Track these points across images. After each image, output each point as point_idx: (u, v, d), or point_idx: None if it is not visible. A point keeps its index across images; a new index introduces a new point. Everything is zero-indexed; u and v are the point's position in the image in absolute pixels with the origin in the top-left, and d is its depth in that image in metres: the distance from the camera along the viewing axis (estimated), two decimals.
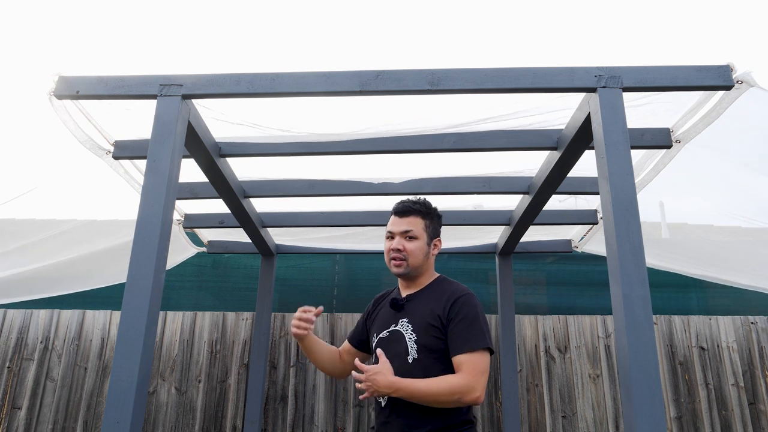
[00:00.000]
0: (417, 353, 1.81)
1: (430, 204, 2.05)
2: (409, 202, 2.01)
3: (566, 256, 4.30)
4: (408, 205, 2.00)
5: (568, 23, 8.32)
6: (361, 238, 3.75)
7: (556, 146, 2.41)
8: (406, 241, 1.95)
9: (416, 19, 8.24)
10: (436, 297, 1.89)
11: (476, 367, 1.72)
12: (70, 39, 7.18)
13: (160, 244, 1.78)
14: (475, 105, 2.29)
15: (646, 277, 1.64)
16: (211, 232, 3.76)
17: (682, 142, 2.35)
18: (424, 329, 1.84)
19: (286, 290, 4.31)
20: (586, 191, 2.87)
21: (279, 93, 1.98)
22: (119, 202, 2.96)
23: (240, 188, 2.87)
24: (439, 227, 2.05)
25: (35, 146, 2.72)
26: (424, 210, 2.00)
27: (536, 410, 3.68)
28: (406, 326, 1.87)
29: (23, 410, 3.72)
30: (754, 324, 3.86)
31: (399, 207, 2.01)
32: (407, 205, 2.00)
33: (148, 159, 1.88)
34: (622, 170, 1.76)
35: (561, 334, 3.85)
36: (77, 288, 3.74)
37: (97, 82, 2.01)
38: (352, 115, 2.43)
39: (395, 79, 1.95)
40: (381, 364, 1.73)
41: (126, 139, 2.52)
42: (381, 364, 1.73)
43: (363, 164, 2.82)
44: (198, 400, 3.74)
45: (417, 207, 2.00)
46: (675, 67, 1.91)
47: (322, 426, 3.68)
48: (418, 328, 1.85)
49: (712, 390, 3.70)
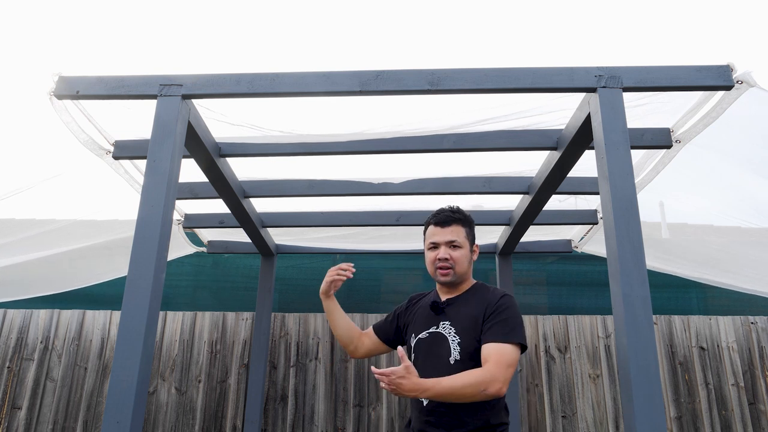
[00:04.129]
0: (459, 354, 1.85)
1: (465, 211, 2.08)
2: (449, 212, 2.04)
3: (566, 256, 4.30)
4: (449, 215, 2.02)
5: (568, 23, 8.31)
6: (361, 238, 3.75)
7: (556, 146, 2.41)
8: (452, 251, 1.98)
9: (416, 19, 8.23)
10: (477, 302, 1.93)
11: (502, 359, 1.73)
12: (70, 39, 7.18)
13: (160, 244, 1.78)
14: (475, 105, 2.29)
15: (646, 277, 1.64)
16: (211, 232, 3.76)
17: (682, 142, 2.35)
18: (466, 332, 1.88)
19: (286, 290, 4.31)
20: (586, 191, 2.87)
21: (279, 93, 1.98)
22: (119, 202, 2.96)
23: (240, 188, 2.87)
24: (474, 233, 2.09)
25: (35, 146, 2.72)
26: (463, 218, 2.03)
27: (536, 410, 3.68)
28: (449, 329, 1.91)
29: (23, 410, 3.72)
30: (754, 324, 3.86)
31: (440, 218, 2.02)
32: (448, 215, 2.02)
33: (148, 159, 1.88)
34: (622, 170, 1.76)
35: (561, 334, 3.85)
36: (74, 285, 3.74)
37: (97, 82, 2.01)
38: (352, 115, 2.44)
39: (395, 79, 1.95)
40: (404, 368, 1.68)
41: (126, 139, 2.53)
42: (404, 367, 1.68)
43: (363, 164, 2.82)
44: (198, 400, 3.74)
45: (458, 216, 2.02)
46: (675, 67, 1.91)
47: (322, 426, 3.68)
48: (461, 331, 1.89)
49: (712, 390, 3.70)
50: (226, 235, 3.77)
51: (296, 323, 3.91)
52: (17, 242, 3.11)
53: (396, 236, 3.67)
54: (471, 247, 2.03)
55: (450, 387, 1.69)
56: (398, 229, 3.49)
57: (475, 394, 1.69)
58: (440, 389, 1.69)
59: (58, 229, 3.08)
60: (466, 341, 1.86)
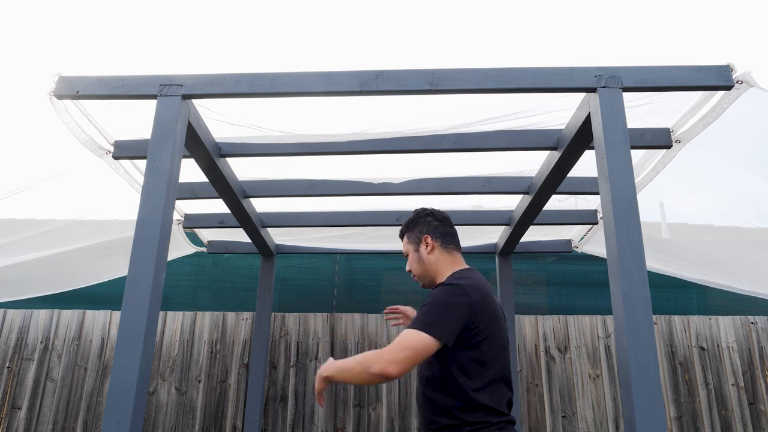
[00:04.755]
0: None
1: (416, 211, 2.07)
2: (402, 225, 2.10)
3: (566, 256, 4.30)
4: (401, 229, 2.09)
5: (568, 23, 8.31)
6: (361, 238, 3.75)
7: (556, 146, 2.40)
8: (409, 263, 2.02)
9: (416, 19, 8.23)
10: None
11: (399, 341, 1.68)
12: (70, 39, 7.18)
13: (160, 244, 1.78)
14: (475, 105, 2.29)
15: (646, 277, 1.64)
16: (211, 232, 3.76)
17: (682, 142, 2.35)
18: None
19: (286, 290, 4.31)
20: (586, 191, 2.87)
21: (279, 93, 1.98)
22: (119, 202, 2.96)
23: (240, 188, 2.87)
24: (424, 226, 2.01)
25: (35, 146, 2.72)
26: (405, 227, 2.07)
27: (536, 410, 3.68)
28: None
29: (23, 410, 3.72)
30: (754, 324, 3.86)
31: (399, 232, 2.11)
32: (401, 228, 2.10)
33: (148, 159, 1.88)
34: (622, 170, 1.76)
35: (561, 334, 3.85)
36: (74, 285, 3.74)
37: (96, 82, 2.01)
38: (352, 115, 2.44)
39: (395, 79, 1.95)
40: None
41: (126, 139, 2.53)
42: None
43: (363, 164, 2.82)
44: (198, 400, 3.74)
45: (403, 228, 2.08)
46: (675, 67, 1.91)
47: (322, 426, 3.68)
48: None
49: (712, 390, 3.70)
50: (226, 235, 3.77)
51: (296, 323, 3.92)
52: (17, 242, 3.11)
53: (396, 236, 3.65)
54: (417, 247, 1.99)
55: (342, 364, 1.71)
56: (398, 229, 3.49)
57: (362, 371, 1.66)
58: (335, 367, 1.72)
59: (58, 229, 3.08)
60: None
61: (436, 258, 1.95)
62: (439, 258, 1.95)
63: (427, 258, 1.96)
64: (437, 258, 1.95)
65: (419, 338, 1.67)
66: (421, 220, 2.04)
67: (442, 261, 1.95)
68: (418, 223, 2.03)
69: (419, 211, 2.07)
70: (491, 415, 1.71)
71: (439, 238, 1.98)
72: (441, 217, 2.04)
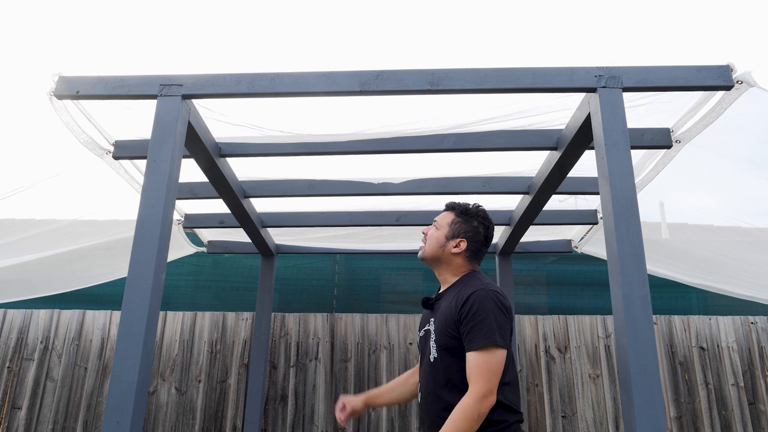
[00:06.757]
0: (437, 353, 1.81)
1: (473, 208, 2.02)
2: (452, 201, 2.07)
3: (566, 256, 4.30)
4: (449, 203, 2.07)
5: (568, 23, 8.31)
6: (361, 238, 3.75)
7: (556, 146, 2.40)
8: (430, 228, 2.02)
9: (416, 19, 8.23)
10: (455, 295, 1.86)
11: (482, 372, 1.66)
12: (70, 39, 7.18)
13: (160, 244, 1.78)
14: (475, 105, 2.29)
15: (646, 277, 1.64)
16: (211, 232, 3.76)
17: (682, 142, 2.35)
18: (442, 329, 1.83)
19: (286, 290, 4.32)
20: (586, 191, 2.87)
21: (279, 93, 1.98)
22: (119, 202, 2.96)
23: (240, 188, 2.87)
24: (471, 233, 1.97)
25: (35, 146, 2.72)
26: (459, 208, 2.02)
27: (536, 410, 3.68)
28: (433, 326, 1.88)
29: (23, 410, 3.72)
30: (754, 324, 3.86)
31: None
32: (448, 203, 2.07)
33: (148, 159, 1.88)
34: (622, 170, 1.76)
35: (561, 334, 3.85)
36: (74, 286, 3.74)
37: (97, 82, 2.01)
38: (352, 115, 2.43)
39: (395, 79, 1.95)
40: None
41: (126, 139, 2.53)
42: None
43: (363, 164, 2.82)
44: (198, 400, 3.74)
45: (453, 204, 2.05)
46: (675, 67, 1.91)
47: (322, 426, 3.68)
48: (438, 328, 1.85)
49: (712, 390, 3.70)
50: (226, 235, 3.77)
51: (296, 323, 3.92)
52: (17, 242, 3.11)
53: (396, 236, 3.67)
54: (451, 236, 1.95)
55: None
56: (398, 229, 3.49)
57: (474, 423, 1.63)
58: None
59: (58, 229, 3.08)
60: (441, 338, 1.81)
61: (453, 258, 1.96)
62: (456, 260, 1.96)
63: (447, 252, 1.96)
64: (454, 259, 1.96)
65: (499, 355, 1.69)
66: (473, 225, 1.98)
67: (456, 262, 1.96)
68: (469, 223, 1.98)
69: (479, 213, 2.01)
70: (509, 414, 1.74)
71: (471, 251, 1.96)
72: (488, 237, 2.01)
